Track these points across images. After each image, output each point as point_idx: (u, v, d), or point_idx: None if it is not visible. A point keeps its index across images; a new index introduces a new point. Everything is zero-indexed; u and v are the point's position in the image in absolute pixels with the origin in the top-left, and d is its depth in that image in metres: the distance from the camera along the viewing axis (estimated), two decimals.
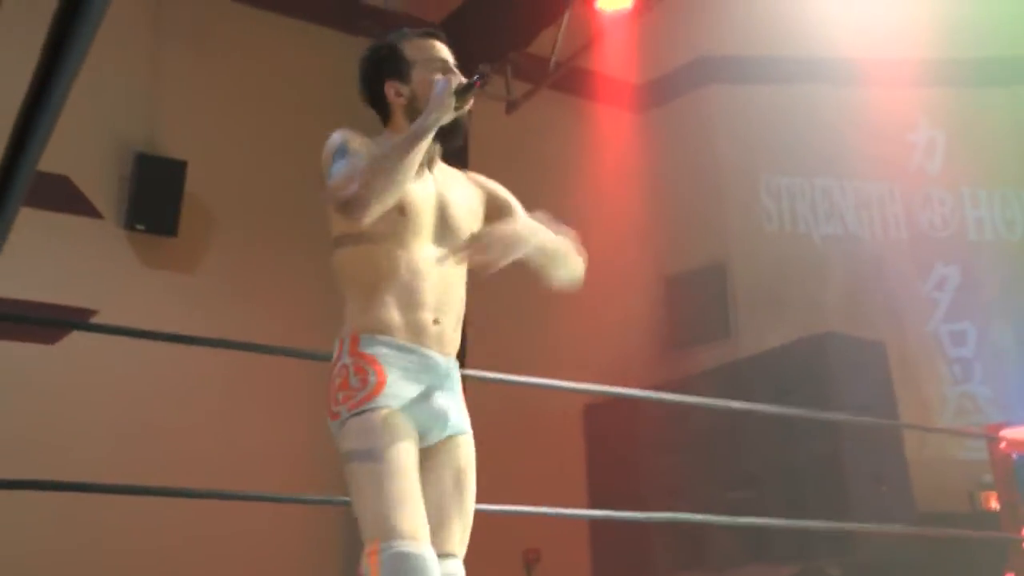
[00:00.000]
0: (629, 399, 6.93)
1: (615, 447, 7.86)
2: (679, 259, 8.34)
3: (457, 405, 2.36)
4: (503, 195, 2.61)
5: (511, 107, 7.68)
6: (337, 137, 2.34)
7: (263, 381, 6.27)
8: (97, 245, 6.69)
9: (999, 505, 5.14)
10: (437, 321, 2.29)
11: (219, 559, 6.21)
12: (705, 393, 7.44)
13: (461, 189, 2.48)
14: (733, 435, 7.12)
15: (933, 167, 8.49)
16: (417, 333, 2.26)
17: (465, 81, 2.32)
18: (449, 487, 2.28)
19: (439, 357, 2.29)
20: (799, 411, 5.61)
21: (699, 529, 7.05)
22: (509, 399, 6.40)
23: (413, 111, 2.38)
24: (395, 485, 2.07)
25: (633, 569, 7.66)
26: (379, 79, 2.46)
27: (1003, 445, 4.69)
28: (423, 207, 2.33)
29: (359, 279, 2.29)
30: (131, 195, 6.75)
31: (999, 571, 4.83)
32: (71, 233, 6.51)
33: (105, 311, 6.44)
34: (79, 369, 6.12)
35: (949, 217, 8.35)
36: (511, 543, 7.24)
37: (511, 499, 6.12)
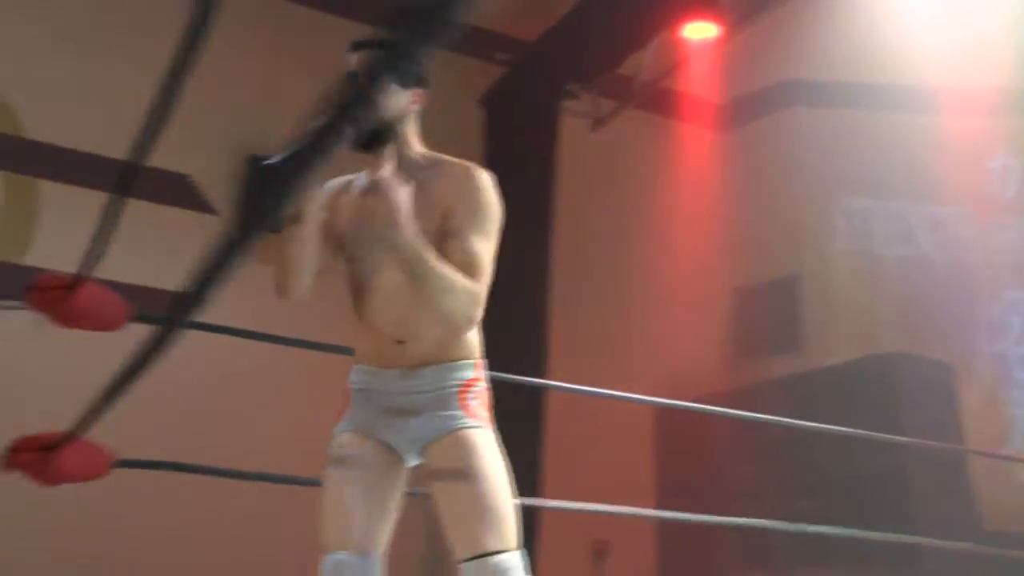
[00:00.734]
0: (702, 403, 6.96)
1: (684, 448, 7.84)
2: (754, 272, 8.27)
3: (429, 414, 2.26)
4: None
5: (597, 124, 7.74)
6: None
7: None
8: (211, 238, 6.92)
9: None
10: (401, 341, 2.26)
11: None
12: (774, 402, 7.39)
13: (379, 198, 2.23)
14: (800, 443, 7.05)
15: (1007, 194, 8.32)
16: (379, 356, 2.29)
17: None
18: (446, 492, 2.21)
19: (405, 372, 2.26)
20: (867, 432, 5.47)
21: (763, 530, 7.03)
22: (587, 402, 6.45)
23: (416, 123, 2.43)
24: (333, 498, 2.24)
25: (697, 563, 7.63)
26: (402, 83, 2.35)
27: None
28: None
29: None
30: (244, 193, 7.00)
31: None
32: (188, 227, 6.75)
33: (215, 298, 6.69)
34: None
35: (1021, 243, 8.18)
36: (582, 535, 7.30)
37: (585, 493, 6.18)
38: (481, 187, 2.27)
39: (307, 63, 7.25)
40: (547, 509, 6.32)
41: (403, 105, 2.31)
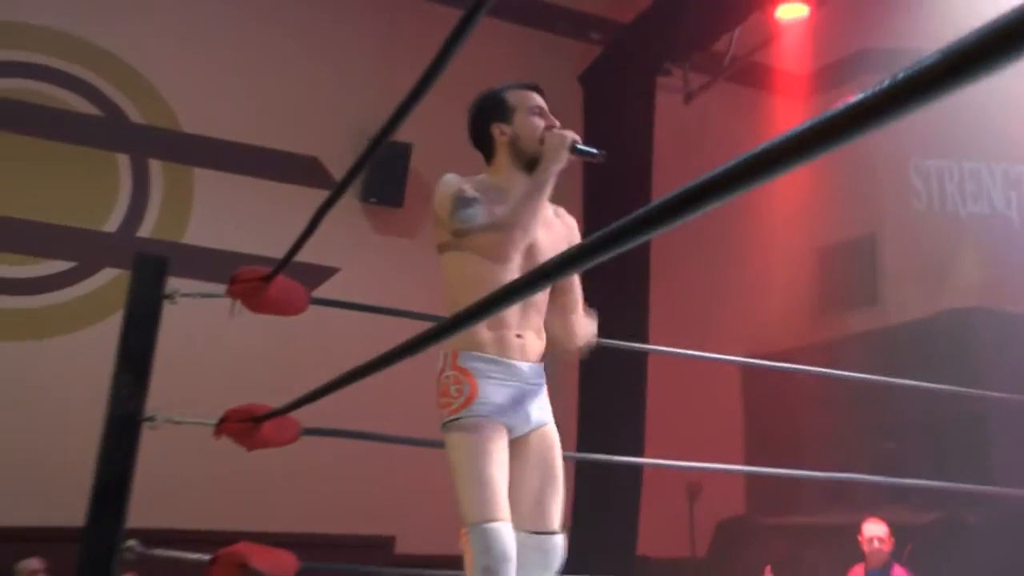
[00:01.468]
0: (783, 357, 7.08)
1: (770, 396, 8.00)
2: (833, 232, 8.31)
3: (540, 403, 2.51)
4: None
5: (688, 98, 7.85)
6: (452, 182, 2.49)
7: None
8: (338, 215, 7.11)
9: None
10: (520, 336, 2.47)
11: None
12: (853, 355, 7.53)
13: (546, 230, 2.57)
14: (881, 390, 7.13)
15: None
16: (503, 347, 2.45)
17: (581, 146, 2.48)
18: (541, 473, 2.46)
19: (523, 365, 2.47)
20: (945, 387, 5.57)
21: (845, 471, 7.16)
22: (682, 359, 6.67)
23: (515, 149, 2.55)
24: (488, 472, 2.31)
25: (781, 502, 7.78)
26: (486, 122, 2.60)
27: None
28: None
29: (458, 300, 2.45)
30: (366, 173, 7.27)
31: None
32: (318, 204, 7.07)
33: (345, 269, 7.02)
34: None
35: None
36: (678, 477, 7.60)
37: (680, 441, 6.44)
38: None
39: (418, 52, 7.47)
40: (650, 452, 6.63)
41: None
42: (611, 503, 6.65)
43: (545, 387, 2.55)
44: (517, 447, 2.46)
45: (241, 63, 7.14)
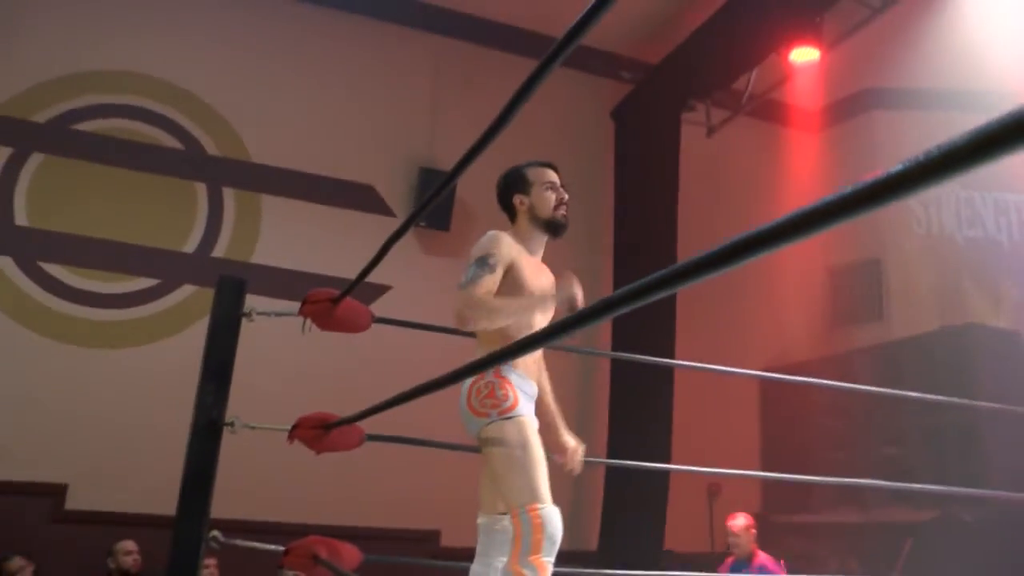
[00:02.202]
0: (798, 368, 7.07)
1: (785, 406, 7.99)
2: (842, 254, 8.32)
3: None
4: None
5: (710, 131, 7.87)
6: (486, 244, 2.71)
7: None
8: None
9: None
10: (536, 361, 2.79)
11: None
12: (860, 367, 7.50)
13: (547, 277, 2.85)
14: (885, 400, 7.12)
15: None
16: (528, 369, 2.71)
17: (575, 308, 2.62)
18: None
19: (535, 385, 2.74)
20: (943, 398, 5.53)
21: (852, 474, 7.12)
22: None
23: (532, 215, 2.82)
24: (541, 467, 2.48)
25: (795, 501, 7.75)
26: (509, 193, 2.87)
27: None
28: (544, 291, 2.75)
29: (500, 330, 2.65)
30: (416, 199, 7.36)
31: None
32: (374, 228, 7.11)
33: (397, 287, 7.08)
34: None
35: None
36: (700, 479, 7.59)
37: (699, 445, 6.40)
38: None
39: (463, 91, 7.55)
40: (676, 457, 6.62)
41: None
42: (641, 504, 6.66)
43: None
44: None
45: (304, 100, 7.27)
